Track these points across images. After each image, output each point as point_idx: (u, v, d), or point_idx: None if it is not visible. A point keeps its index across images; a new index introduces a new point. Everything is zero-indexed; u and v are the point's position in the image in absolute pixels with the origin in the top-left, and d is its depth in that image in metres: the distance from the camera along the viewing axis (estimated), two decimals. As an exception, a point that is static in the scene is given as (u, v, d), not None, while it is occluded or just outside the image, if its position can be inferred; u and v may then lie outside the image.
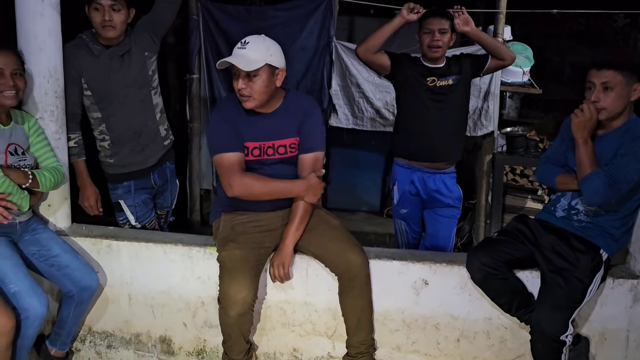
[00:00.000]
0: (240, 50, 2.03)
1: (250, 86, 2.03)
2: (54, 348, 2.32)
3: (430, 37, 2.67)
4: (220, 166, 2.09)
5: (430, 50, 2.69)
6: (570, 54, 5.43)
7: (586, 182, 2.02)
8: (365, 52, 2.67)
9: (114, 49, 2.47)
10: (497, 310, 2.23)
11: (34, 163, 2.20)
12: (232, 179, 2.06)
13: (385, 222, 4.55)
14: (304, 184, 2.12)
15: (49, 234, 2.25)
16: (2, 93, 2.04)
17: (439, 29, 2.65)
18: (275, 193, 2.12)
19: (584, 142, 2.04)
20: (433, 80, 2.72)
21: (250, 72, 2.01)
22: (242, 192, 2.08)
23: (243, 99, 2.06)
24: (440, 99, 2.74)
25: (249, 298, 2.06)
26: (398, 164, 2.89)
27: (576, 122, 2.05)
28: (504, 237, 2.22)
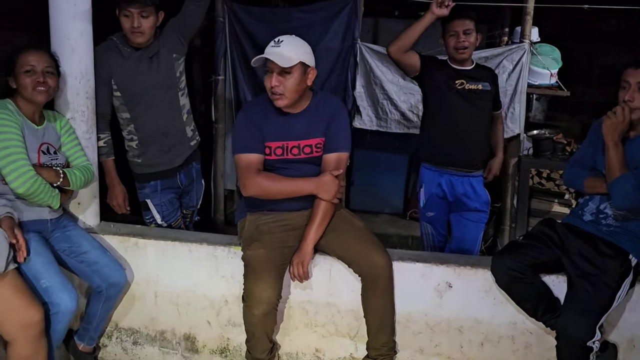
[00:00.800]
0: (274, 49, 2.05)
1: (283, 84, 2.05)
2: (82, 343, 2.37)
3: (455, 39, 2.67)
4: (238, 166, 2.14)
5: (457, 52, 2.68)
6: (599, 56, 5.33)
7: (615, 185, 1.99)
8: (398, 51, 2.64)
9: (143, 51, 2.52)
10: (522, 314, 2.20)
11: (65, 162, 2.26)
12: (247, 179, 2.10)
13: (408, 225, 4.53)
14: (316, 181, 2.13)
15: (78, 231, 2.31)
16: (34, 89, 2.10)
17: (464, 30, 2.65)
18: (287, 191, 2.13)
19: (614, 144, 2.01)
20: (462, 83, 2.71)
21: (284, 70, 2.04)
22: (256, 192, 2.12)
23: (275, 97, 2.08)
24: (468, 101, 2.72)
25: (274, 297, 2.08)
26: (425, 166, 2.87)
27: (608, 124, 2.01)
28: (530, 240, 2.20)
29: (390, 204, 4.72)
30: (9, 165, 1.99)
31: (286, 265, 2.20)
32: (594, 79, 5.33)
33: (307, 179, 2.15)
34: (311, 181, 2.14)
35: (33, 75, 2.09)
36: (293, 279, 2.21)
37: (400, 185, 4.69)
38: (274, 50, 2.04)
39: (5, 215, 1.97)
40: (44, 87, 2.11)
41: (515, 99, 3.73)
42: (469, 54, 2.71)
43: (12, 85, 2.11)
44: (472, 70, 2.76)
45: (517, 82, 3.70)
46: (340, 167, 2.18)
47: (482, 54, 3.64)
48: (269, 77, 2.07)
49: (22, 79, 2.08)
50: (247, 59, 3.92)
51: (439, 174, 2.81)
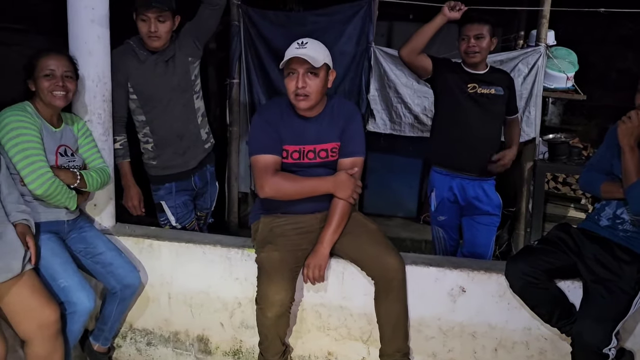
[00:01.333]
0: (300, 50, 2.05)
1: (309, 85, 2.06)
2: (97, 343, 2.40)
3: (466, 43, 2.67)
4: (255, 167, 2.14)
5: (467, 56, 2.68)
6: (616, 60, 5.27)
7: (632, 190, 1.96)
8: (410, 53, 2.64)
9: (159, 54, 2.55)
10: (537, 320, 2.18)
11: (82, 164, 2.29)
12: (263, 180, 2.10)
13: (422, 229, 4.51)
14: (332, 179, 2.14)
15: (94, 232, 2.34)
16: (53, 93, 2.13)
17: (475, 34, 2.64)
18: (304, 191, 2.13)
19: (630, 149, 1.99)
20: (474, 87, 2.70)
21: (312, 71, 2.05)
22: (273, 193, 2.11)
23: (299, 98, 2.08)
24: (480, 106, 2.71)
25: (287, 300, 2.08)
26: (436, 170, 2.86)
27: (623, 128, 1.99)
28: (545, 245, 2.18)
29: (403, 207, 4.71)
30: (28, 167, 2.02)
31: (300, 268, 2.20)
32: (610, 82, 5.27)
33: (323, 177, 2.15)
34: (328, 180, 2.14)
35: (52, 80, 2.12)
36: (306, 281, 2.21)
37: (413, 189, 4.68)
38: (300, 51, 2.05)
39: (21, 221, 2.00)
40: (62, 91, 2.14)
41: (531, 103, 3.71)
42: (480, 58, 2.70)
43: (32, 88, 2.15)
44: (486, 74, 2.75)
45: (532, 86, 3.68)
46: (355, 175, 2.18)
47: (498, 58, 3.62)
48: (292, 79, 2.07)
49: (41, 82, 2.11)
50: (261, 63, 3.94)
51: (450, 177, 2.80)
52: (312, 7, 4.03)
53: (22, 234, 1.97)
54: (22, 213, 2.01)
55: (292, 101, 2.12)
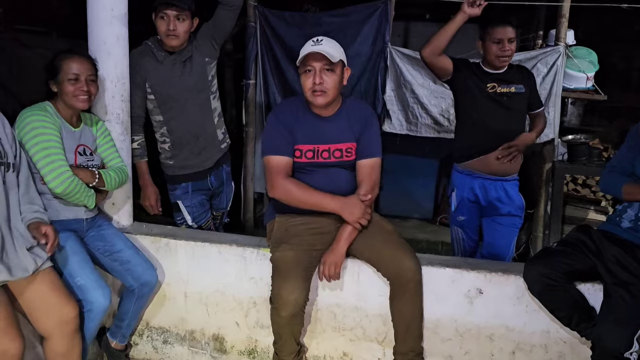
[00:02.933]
0: (317, 47, 2.06)
1: (326, 81, 2.08)
2: (114, 340, 2.42)
3: (499, 47, 2.60)
4: (268, 167, 2.15)
5: (499, 60, 2.63)
6: (637, 59, 5.18)
7: None
8: (431, 54, 2.59)
9: (177, 55, 2.57)
10: (556, 323, 2.14)
11: (101, 163, 2.31)
12: (275, 181, 2.11)
13: (438, 230, 4.48)
14: (342, 201, 2.12)
15: (113, 231, 2.36)
16: (77, 97, 2.16)
17: (509, 38, 2.59)
18: (311, 203, 2.13)
19: None
20: (493, 86, 2.67)
21: (329, 67, 2.07)
22: (282, 196, 2.13)
23: (316, 94, 2.09)
24: (500, 105, 2.68)
25: (301, 299, 2.07)
26: (457, 170, 2.83)
27: None
28: (565, 247, 2.14)
29: (419, 209, 4.69)
30: (48, 166, 2.05)
31: (314, 268, 2.19)
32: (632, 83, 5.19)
33: (333, 196, 2.13)
34: (337, 200, 2.13)
35: (77, 84, 2.15)
36: (322, 279, 2.19)
37: (430, 190, 4.65)
38: (316, 48, 2.06)
39: (33, 220, 2.00)
40: (86, 95, 2.17)
41: (550, 103, 3.66)
42: (509, 62, 2.67)
43: (54, 89, 2.17)
44: (505, 73, 2.71)
45: (551, 86, 3.63)
46: (377, 175, 2.19)
47: (517, 57, 3.57)
48: (308, 76, 2.08)
49: (66, 86, 2.14)
50: (277, 64, 3.95)
51: (471, 177, 2.77)
52: (328, 7, 4.03)
53: (35, 228, 1.97)
54: (35, 213, 2.02)
55: (308, 98, 2.12)
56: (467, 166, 2.79)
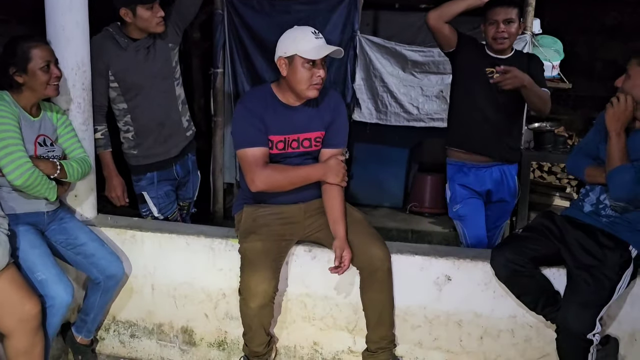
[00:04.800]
0: (322, 41, 2.07)
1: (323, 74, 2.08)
2: (80, 335, 2.37)
3: (495, 29, 2.51)
4: (244, 161, 2.11)
5: (496, 42, 2.54)
6: (602, 50, 5.29)
7: (614, 175, 1.96)
8: (438, 18, 2.49)
9: (140, 41, 2.51)
10: (522, 308, 2.18)
11: (62, 154, 2.24)
12: (254, 174, 2.07)
13: (408, 218, 4.51)
14: (323, 166, 2.15)
15: (75, 223, 2.29)
16: (51, 85, 2.10)
17: (505, 19, 2.49)
18: (296, 181, 2.13)
19: (616, 134, 1.98)
20: (492, 72, 2.55)
21: (324, 61, 2.07)
22: (265, 186, 2.10)
23: (317, 87, 2.08)
24: (494, 92, 2.56)
25: (270, 290, 2.06)
26: (450, 163, 2.75)
27: (610, 112, 1.99)
28: (530, 233, 2.18)
29: (390, 197, 4.70)
30: (6, 157, 1.98)
31: (283, 258, 2.18)
32: (596, 72, 5.30)
33: (313, 165, 2.16)
34: (318, 167, 2.15)
35: (49, 71, 2.08)
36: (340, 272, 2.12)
37: (400, 179, 4.67)
38: (322, 42, 2.06)
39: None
40: (58, 82, 2.11)
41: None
42: (509, 44, 2.56)
43: (20, 80, 2.07)
44: (506, 60, 2.57)
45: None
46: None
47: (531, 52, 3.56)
48: (309, 68, 2.04)
49: (39, 76, 2.06)
50: (246, 52, 3.90)
51: (466, 168, 2.69)
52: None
53: None
54: None
55: (303, 91, 2.07)
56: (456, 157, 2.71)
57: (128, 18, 2.44)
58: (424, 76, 3.79)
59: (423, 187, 4.60)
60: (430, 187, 4.53)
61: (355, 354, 2.32)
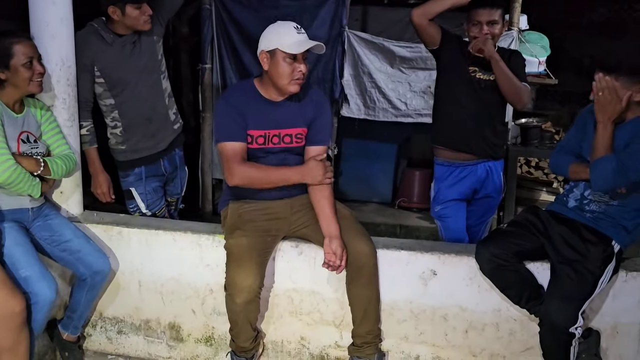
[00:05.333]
0: (304, 36, 2.06)
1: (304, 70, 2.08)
2: (66, 332, 2.36)
3: (478, 30, 2.50)
4: (223, 155, 2.12)
5: None
6: (589, 45, 5.33)
7: (597, 165, 1.98)
8: (421, 16, 2.51)
9: (126, 37, 2.50)
10: (507, 302, 2.20)
11: (46, 151, 2.23)
12: (233, 168, 2.09)
13: (397, 214, 4.53)
14: (302, 169, 2.14)
15: (60, 220, 2.28)
16: (34, 81, 2.08)
17: (488, 20, 2.48)
18: (274, 181, 2.13)
19: (603, 125, 1.98)
20: (474, 70, 2.58)
21: (306, 56, 2.07)
22: (242, 181, 2.11)
23: (298, 82, 2.08)
24: (476, 91, 2.59)
25: (256, 285, 2.06)
26: (437, 162, 2.76)
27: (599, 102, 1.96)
28: (514, 228, 2.20)
29: (378, 193, 4.72)
30: (-12, 154, 1.96)
31: (269, 253, 2.19)
32: (583, 68, 5.34)
33: (292, 167, 2.15)
34: (296, 170, 2.14)
35: (32, 67, 2.06)
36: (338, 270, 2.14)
37: (388, 174, 4.68)
38: (304, 37, 2.06)
39: None
40: (41, 78, 2.09)
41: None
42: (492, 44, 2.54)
43: (2, 76, 2.05)
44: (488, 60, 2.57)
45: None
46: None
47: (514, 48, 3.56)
48: (290, 63, 2.04)
49: (22, 72, 2.05)
50: (234, 47, 3.89)
51: (453, 167, 2.71)
52: (285, -11, 3.97)
53: None
54: None
55: (284, 86, 2.08)
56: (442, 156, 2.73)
57: (116, 16, 2.43)
58: (412, 72, 3.80)
59: (411, 182, 4.62)
60: (419, 183, 4.55)
61: (341, 348, 2.34)
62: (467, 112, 2.60)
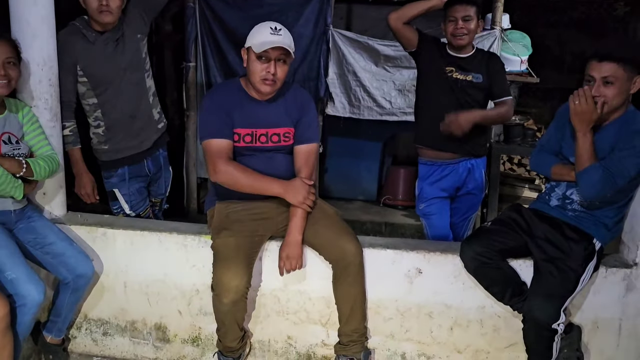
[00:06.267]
0: (276, 37, 2.05)
1: (278, 72, 2.07)
2: (50, 335, 2.33)
3: (453, 25, 2.59)
4: (208, 152, 2.12)
5: (454, 38, 2.61)
6: (570, 43, 5.40)
7: (583, 175, 2.01)
8: (397, 19, 2.57)
9: (108, 34, 2.47)
10: (491, 299, 2.23)
11: (28, 152, 2.20)
12: (217, 165, 2.09)
13: (382, 211, 4.56)
14: (286, 185, 2.13)
15: (44, 222, 2.26)
16: None
17: (463, 16, 2.57)
18: (256, 187, 2.13)
19: (583, 134, 2.00)
20: (452, 70, 2.64)
21: (282, 58, 2.06)
22: (226, 180, 2.11)
23: (267, 82, 2.08)
24: (454, 91, 2.65)
25: (242, 285, 2.06)
26: (421, 161, 2.81)
27: (573, 111, 1.99)
28: (498, 226, 2.22)
29: (364, 190, 4.73)
30: (-31, 156, 1.93)
31: (256, 253, 2.19)
32: (565, 65, 5.41)
33: (277, 180, 2.13)
34: (280, 184, 2.13)
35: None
36: (282, 273, 2.18)
37: (373, 172, 4.70)
38: (277, 38, 2.05)
39: None
40: (4, 80, 2.05)
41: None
42: (467, 41, 2.63)
43: None
44: (467, 59, 2.66)
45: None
46: (313, 160, 2.20)
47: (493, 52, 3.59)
48: (261, 63, 2.06)
49: None
50: (218, 45, 3.87)
51: (436, 166, 2.76)
52: (269, -13, 3.95)
53: None
54: None
55: (256, 84, 2.10)
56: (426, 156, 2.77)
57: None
58: (397, 70, 3.82)
59: (396, 180, 4.64)
60: (404, 180, 4.58)
61: (328, 347, 2.35)
62: (446, 112, 2.63)
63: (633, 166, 1.98)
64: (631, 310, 2.23)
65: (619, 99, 2.00)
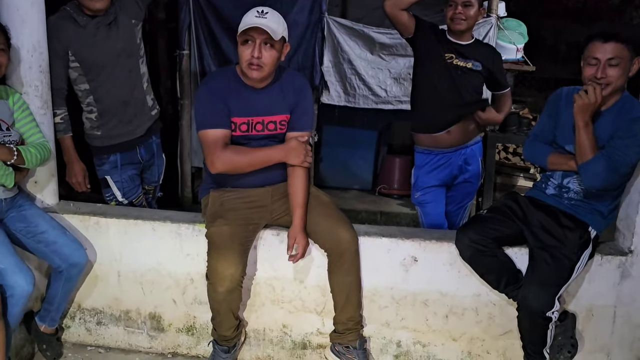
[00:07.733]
0: (260, 20, 2.00)
1: (264, 56, 2.02)
2: (44, 324, 2.32)
3: (453, 10, 2.58)
4: (205, 142, 2.09)
5: (453, 22, 2.60)
6: (565, 33, 5.39)
7: (587, 167, 2.00)
8: (393, 6, 2.54)
9: (100, 18, 2.43)
10: (486, 287, 2.23)
11: (19, 139, 2.17)
12: (214, 155, 2.06)
13: (377, 200, 4.55)
14: (284, 148, 2.12)
15: (35, 211, 2.23)
16: None
17: (463, 1, 2.56)
18: (256, 162, 2.11)
19: (585, 125, 2.00)
20: (451, 57, 2.62)
21: (269, 42, 2.01)
22: (225, 168, 2.08)
23: (253, 67, 2.03)
24: (453, 78, 2.63)
25: (237, 274, 2.05)
26: (417, 150, 2.80)
27: (580, 104, 1.98)
28: (494, 214, 2.22)
29: (359, 179, 4.73)
30: (-42, 143, 1.90)
31: (250, 242, 2.18)
32: (560, 55, 5.41)
33: (274, 147, 2.13)
34: (279, 148, 2.12)
35: None
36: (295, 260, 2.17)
37: (369, 161, 4.69)
38: (260, 21, 1.99)
39: None
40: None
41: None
42: (466, 26, 2.61)
43: None
44: (467, 47, 2.66)
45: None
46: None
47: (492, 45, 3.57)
48: (247, 47, 2.02)
49: None
50: (212, 33, 3.83)
51: (433, 155, 2.75)
52: (264, -25, 3.91)
53: None
54: None
55: (244, 70, 2.07)
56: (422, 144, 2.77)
57: None
58: (392, 58, 3.80)
59: (392, 169, 4.64)
60: (399, 169, 4.57)
61: (323, 335, 2.35)
62: (445, 99, 2.64)
63: (635, 154, 1.98)
64: (626, 297, 2.23)
65: (622, 80, 2.00)
